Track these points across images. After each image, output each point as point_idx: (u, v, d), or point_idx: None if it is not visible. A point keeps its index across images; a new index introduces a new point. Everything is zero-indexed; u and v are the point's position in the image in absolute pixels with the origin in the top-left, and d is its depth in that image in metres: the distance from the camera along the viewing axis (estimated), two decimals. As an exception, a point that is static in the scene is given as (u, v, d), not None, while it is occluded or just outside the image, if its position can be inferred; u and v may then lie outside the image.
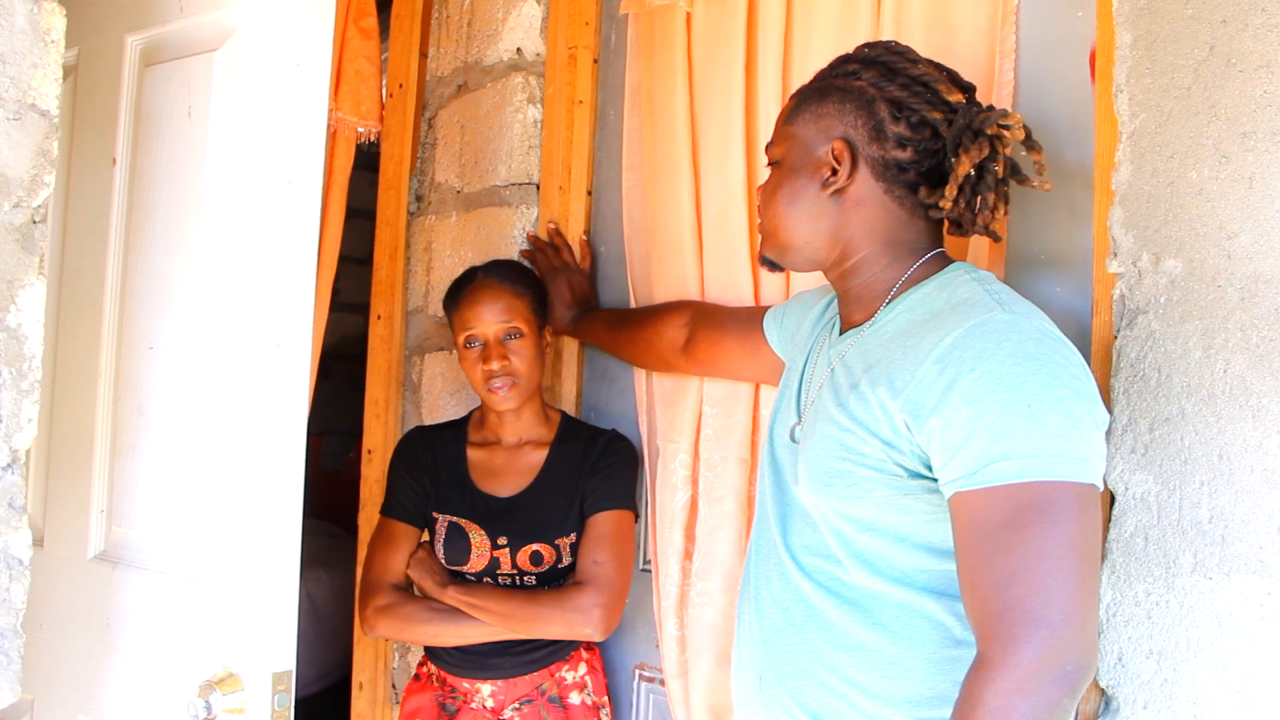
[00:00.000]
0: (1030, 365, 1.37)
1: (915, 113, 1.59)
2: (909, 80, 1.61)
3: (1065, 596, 1.30)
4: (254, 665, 1.74)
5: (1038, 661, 1.28)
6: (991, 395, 1.36)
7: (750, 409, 2.23)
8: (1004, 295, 1.50)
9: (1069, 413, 1.35)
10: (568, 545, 2.28)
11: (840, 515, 1.55)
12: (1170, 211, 1.63)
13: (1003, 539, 1.33)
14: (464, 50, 2.86)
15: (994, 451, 1.35)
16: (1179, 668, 1.59)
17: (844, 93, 1.63)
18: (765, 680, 1.64)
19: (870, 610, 1.54)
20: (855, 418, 1.52)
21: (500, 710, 2.29)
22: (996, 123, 1.56)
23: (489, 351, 2.28)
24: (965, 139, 1.57)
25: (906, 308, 1.58)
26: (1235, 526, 1.55)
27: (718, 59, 2.30)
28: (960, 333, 1.43)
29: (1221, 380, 1.57)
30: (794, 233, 1.67)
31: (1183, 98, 1.63)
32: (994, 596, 1.33)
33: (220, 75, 1.85)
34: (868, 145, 1.61)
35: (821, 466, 1.56)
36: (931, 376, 1.42)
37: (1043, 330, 1.43)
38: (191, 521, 1.84)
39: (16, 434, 1.46)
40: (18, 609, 1.47)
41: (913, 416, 1.44)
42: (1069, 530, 1.31)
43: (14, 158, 1.45)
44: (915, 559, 1.51)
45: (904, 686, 1.51)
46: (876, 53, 1.65)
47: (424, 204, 2.95)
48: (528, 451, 2.38)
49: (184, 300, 1.87)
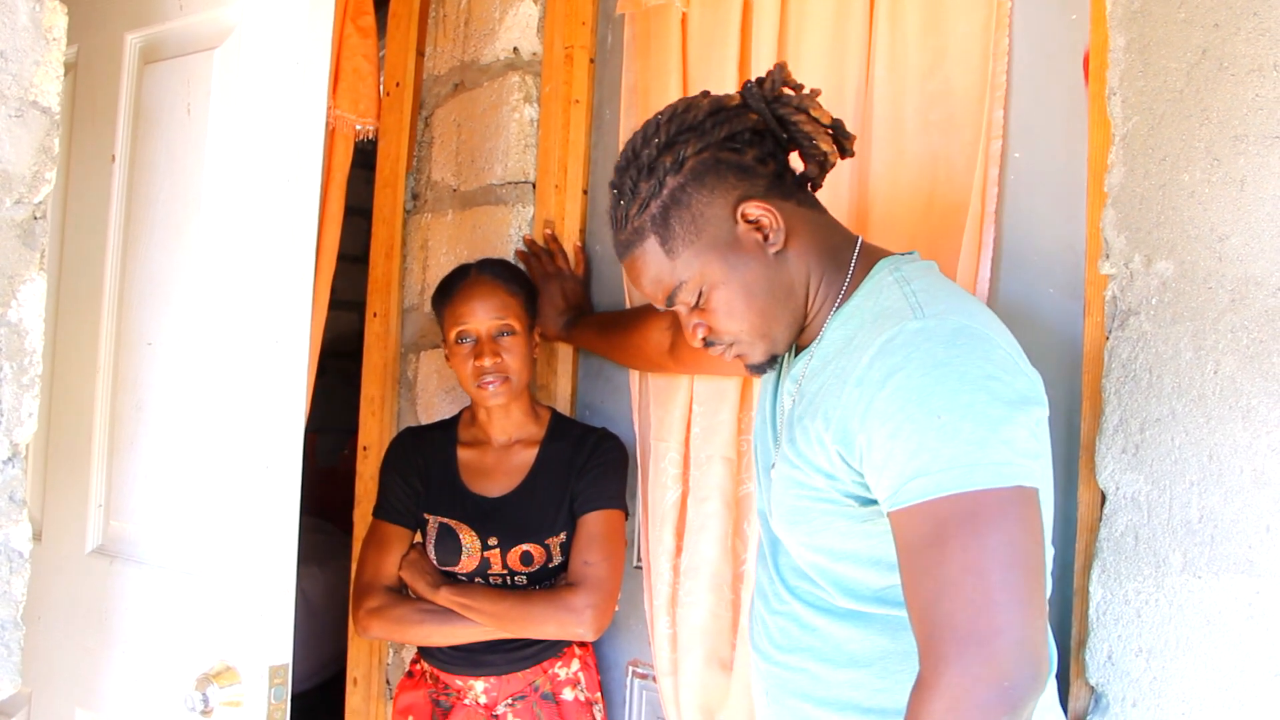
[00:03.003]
0: (939, 374, 1.33)
1: (741, 134, 1.55)
2: (704, 120, 1.55)
3: (996, 610, 1.24)
4: (251, 658, 1.75)
5: (971, 680, 1.23)
6: (902, 411, 1.33)
7: (736, 408, 2.24)
8: (923, 295, 1.44)
9: (982, 417, 1.30)
10: (558, 545, 2.29)
11: (811, 549, 1.54)
12: (1162, 214, 1.65)
13: (929, 556, 1.29)
14: (461, 49, 2.87)
15: (910, 469, 1.31)
16: (1168, 666, 1.61)
17: (691, 180, 1.53)
18: (771, 696, 1.65)
19: (858, 624, 1.53)
20: (800, 453, 1.50)
21: (493, 706, 2.30)
22: (779, 84, 1.56)
23: (481, 348, 2.28)
24: (782, 112, 1.56)
25: (841, 321, 1.53)
26: (1224, 526, 1.57)
27: (712, 59, 2.31)
28: (874, 350, 1.39)
29: (1212, 381, 1.59)
30: (778, 315, 1.57)
31: (1175, 101, 1.64)
32: (926, 615, 1.29)
33: (219, 73, 1.85)
34: (754, 185, 1.54)
35: (784, 505, 1.55)
36: (853, 399, 1.39)
37: (958, 329, 1.37)
38: (189, 516, 1.84)
39: (17, 428, 1.47)
40: (18, 601, 1.48)
41: (843, 444, 1.41)
42: (995, 539, 1.26)
43: (16, 154, 1.46)
44: (891, 577, 1.48)
45: (896, 698, 1.46)
46: (661, 137, 1.55)
47: (420, 202, 2.96)
48: (518, 451, 2.38)
49: (182, 297, 1.88)
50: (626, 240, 1.59)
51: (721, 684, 2.23)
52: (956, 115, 1.96)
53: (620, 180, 1.59)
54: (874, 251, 1.60)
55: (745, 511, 2.23)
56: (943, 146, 1.98)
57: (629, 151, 1.59)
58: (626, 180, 1.58)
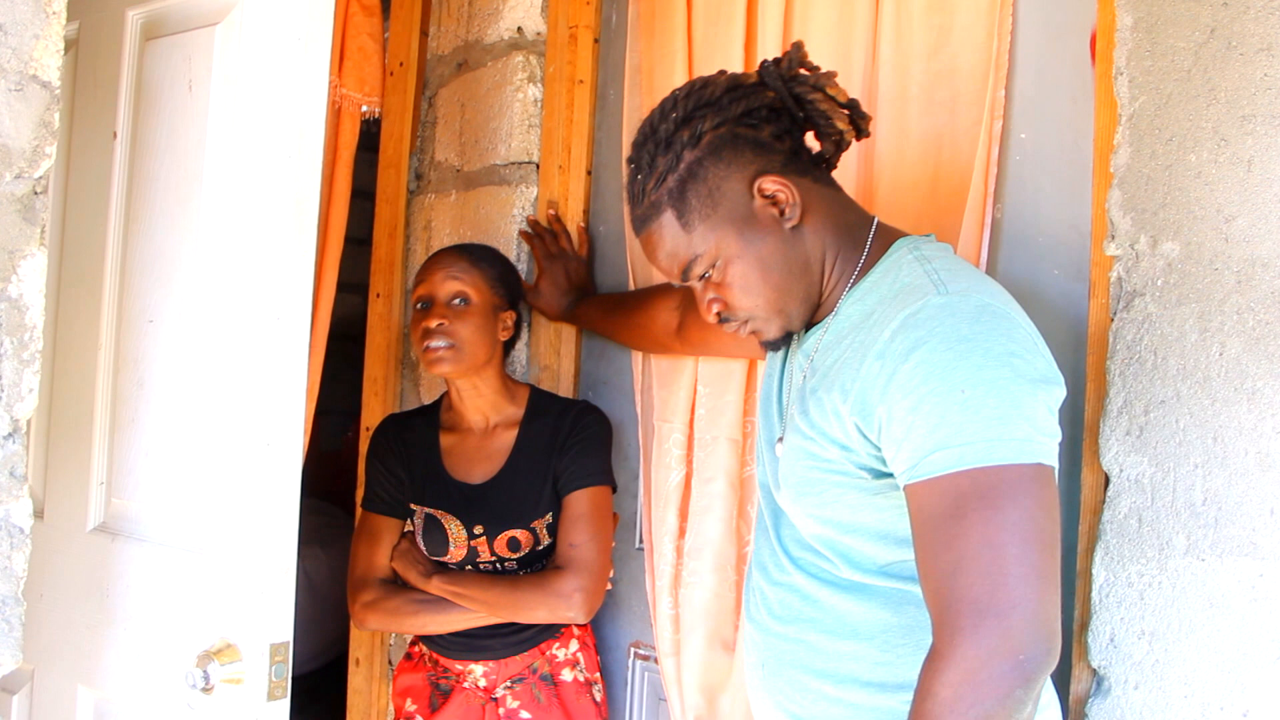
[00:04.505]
0: (963, 348, 1.34)
1: (758, 110, 1.56)
2: (721, 97, 1.55)
3: (1013, 584, 1.26)
4: (252, 636, 1.75)
5: (986, 652, 1.24)
6: (926, 384, 1.34)
7: (742, 389, 2.24)
8: (944, 273, 1.45)
9: (1005, 393, 1.31)
10: (544, 527, 2.28)
11: (819, 520, 1.55)
12: (1168, 194, 1.64)
13: (947, 529, 1.31)
14: (465, 29, 2.86)
15: (931, 442, 1.33)
16: (1171, 648, 1.60)
17: (709, 154, 1.54)
18: (768, 668, 1.65)
19: (862, 596, 1.53)
20: (815, 425, 1.50)
21: (493, 689, 2.30)
22: (796, 63, 1.56)
23: (433, 309, 2.25)
24: (799, 90, 1.56)
25: (858, 297, 1.54)
26: (1229, 509, 1.56)
27: (718, 39, 2.30)
28: (896, 324, 1.40)
29: (1217, 363, 1.58)
30: (793, 290, 1.57)
31: (1183, 80, 1.63)
32: (942, 587, 1.30)
33: (221, 49, 1.84)
34: (770, 161, 1.55)
35: (794, 476, 1.56)
36: (874, 372, 1.40)
37: (981, 306, 1.39)
38: (191, 494, 1.84)
39: (18, 403, 1.47)
40: (19, 577, 1.48)
41: (861, 417, 1.42)
42: (1014, 515, 1.28)
43: (15, 129, 1.45)
44: (899, 552, 1.50)
45: (897, 672, 1.50)
46: (679, 112, 1.56)
47: (424, 182, 2.95)
48: (498, 434, 2.36)
49: (184, 274, 1.87)
50: (643, 214, 1.60)
51: (724, 664, 2.23)
52: (961, 94, 1.95)
53: (637, 155, 1.60)
54: (890, 231, 1.61)
55: (749, 493, 2.22)
56: (948, 126, 1.97)
57: (646, 127, 1.60)
58: (644, 154, 1.58)
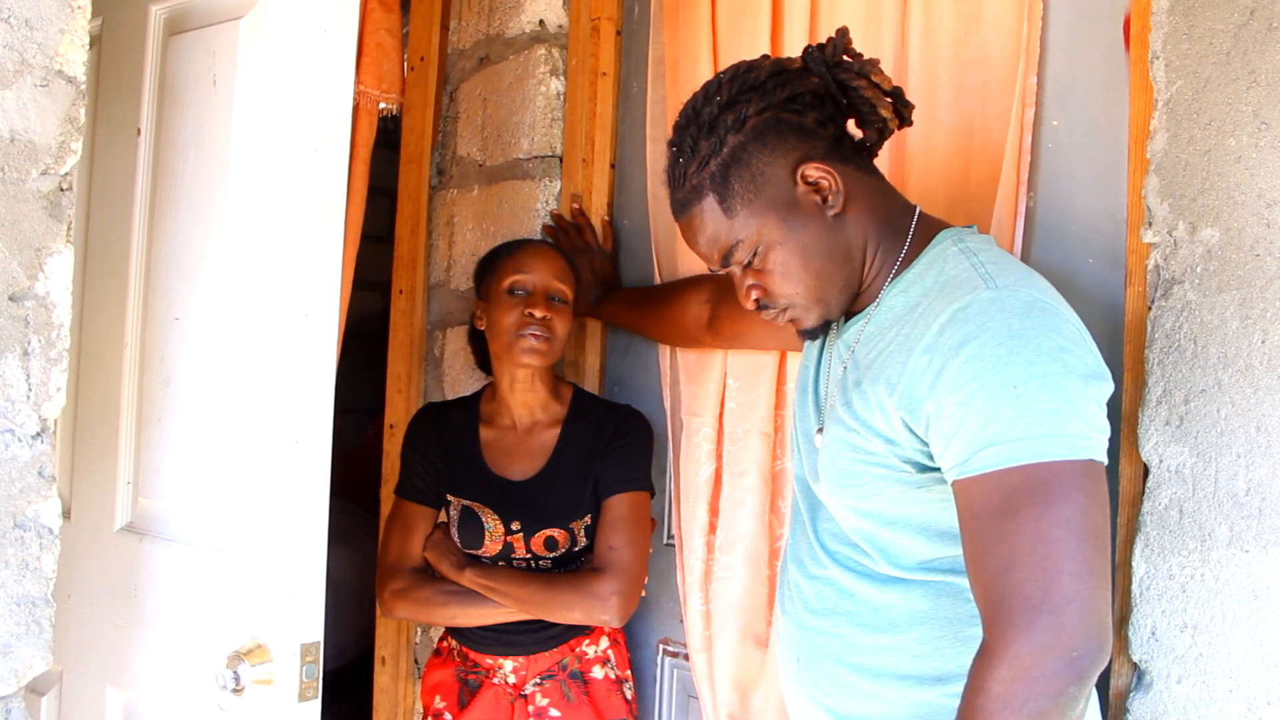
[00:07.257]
0: (1014, 344, 1.33)
1: (802, 96, 1.54)
2: (766, 81, 1.54)
3: (1066, 580, 1.25)
4: (282, 636, 1.74)
5: (1040, 649, 1.24)
6: (977, 379, 1.33)
7: (774, 382, 2.22)
8: (991, 267, 1.44)
9: (1057, 389, 1.31)
10: (582, 528, 2.27)
11: (859, 514, 1.54)
12: (1207, 180, 1.61)
13: (999, 525, 1.30)
14: (486, 22, 2.84)
15: (983, 437, 1.32)
16: (1214, 642, 1.58)
17: (753, 138, 1.52)
18: (803, 662, 1.64)
19: (899, 590, 1.52)
20: (859, 417, 1.50)
21: (522, 685, 2.29)
22: (840, 50, 1.55)
23: (535, 299, 2.25)
24: (843, 77, 1.55)
25: (901, 289, 1.53)
26: (1273, 499, 1.54)
27: (743, 30, 2.28)
28: (945, 318, 1.39)
29: (1260, 351, 1.56)
30: (834, 278, 1.55)
31: (1221, 63, 1.60)
32: (994, 583, 1.30)
33: (245, 43, 1.83)
34: (814, 148, 1.53)
35: (835, 468, 1.55)
36: (921, 366, 1.39)
37: (1031, 302, 1.38)
38: (218, 493, 1.83)
39: (45, 403, 1.46)
40: (48, 578, 1.47)
41: (908, 411, 1.41)
42: (1066, 511, 1.28)
43: (42, 124, 1.44)
44: (939, 547, 1.49)
45: (934, 665, 1.49)
46: (723, 96, 1.54)
47: (446, 178, 2.94)
48: (540, 431, 2.35)
49: (210, 270, 1.86)
50: (684, 198, 1.59)
51: (757, 660, 2.21)
52: (992, 82, 1.93)
53: (679, 138, 1.59)
54: (933, 222, 1.60)
55: (780, 487, 2.21)
56: (979, 113, 1.95)
57: (689, 110, 1.59)
58: (686, 138, 1.57)
